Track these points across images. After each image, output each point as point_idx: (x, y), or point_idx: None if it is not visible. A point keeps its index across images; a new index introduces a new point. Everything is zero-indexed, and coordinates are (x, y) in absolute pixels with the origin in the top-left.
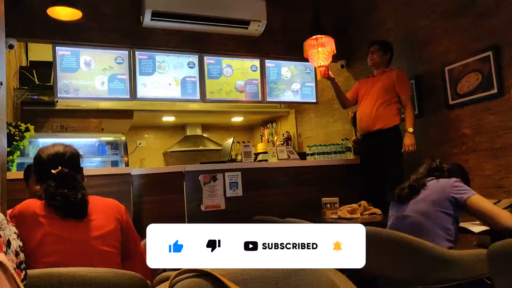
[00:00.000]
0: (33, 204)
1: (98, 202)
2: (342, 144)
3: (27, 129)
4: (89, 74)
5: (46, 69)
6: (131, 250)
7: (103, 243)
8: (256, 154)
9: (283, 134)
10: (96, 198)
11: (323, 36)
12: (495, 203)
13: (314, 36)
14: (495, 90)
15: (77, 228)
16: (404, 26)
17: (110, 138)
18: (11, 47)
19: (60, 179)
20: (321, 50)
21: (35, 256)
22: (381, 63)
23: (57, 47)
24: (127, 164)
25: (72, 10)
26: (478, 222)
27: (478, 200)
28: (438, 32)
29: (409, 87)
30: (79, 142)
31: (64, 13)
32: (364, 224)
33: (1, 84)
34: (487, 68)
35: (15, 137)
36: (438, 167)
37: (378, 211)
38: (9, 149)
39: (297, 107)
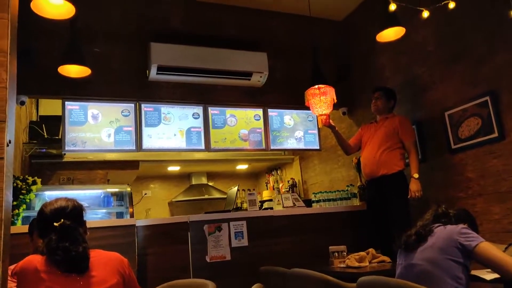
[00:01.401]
0: (35, 260)
1: (100, 256)
2: (347, 190)
3: (34, 182)
4: (96, 127)
5: (55, 123)
6: None
7: None
8: (262, 202)
9: (288, 181)
10: (98, 252)
11: (323, 85)
12: (505, 248)
13: (315, 86)
14: (496, 134)
15: (78, 283)
16: (402, 74)
17: (115, 190)
18: (22, 103)
19: (61, 232)
20: (322, 99)
21: None
22: (384, 109)
23: (66, 102)
24: (132, 215)
25: (81, 68)
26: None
27: (486, 248)
28: (436, 78)
29: (412, 133)
30: (85, 194)
31: (74, 71)
32: (373, 272)
33: (10, 143)
34: (486, 113)
35: (22, 191)
36: (444, 213)
37: (386, 259)
38: (15, 202)
39: (301, 154)
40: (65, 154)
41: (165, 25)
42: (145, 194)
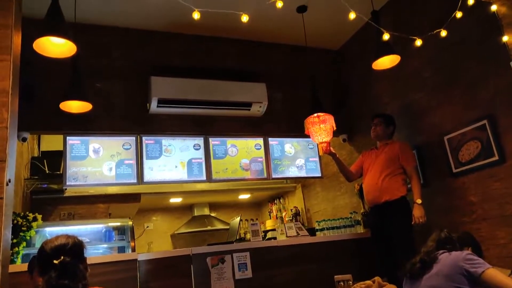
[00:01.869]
0: None
1: None
2: (351, 217)
3: (34, 219)
4: (97, 161)
5: (56, 158)
6: None
7: None
8: (265, 232)
9: (291, 210)
10: None
11: (322, 113)
12: (511, 273)
13: (314, 114)
14: (496, 157)
15: None
16: (400, 99)
17: (117, 224)
18: (24, 140)
19: (61, 270)
20: (321, 126)
21: None
22: (384, 135)
23: (67, 137)
24: (134, 249)
25: (83, 103)
26: None
27: (493, 274)
28: (433, 103)
29: (413, 158)
30: (86, 229)
31: (75, 106)
32: None
33: (9, 182)
34: (485, 136)
35: (22, 228)
36: (447, 237)
37: (393, 287)
38: (15, 240)
39: (304, 182)
40: (66, 189)
41: (164, 59)
42: (147, 227)
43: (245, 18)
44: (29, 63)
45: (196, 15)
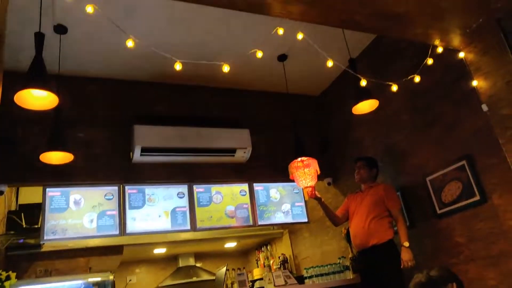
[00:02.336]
0: None
1: None
2: (339, 263)
3: (7, 278)
4: (78, 212)
5: (34, 211)
6: None
7: None
8: (253, 281)
9: (279, 257)
10: None
11: (306, 158)
12: None
13: (297, 159)
14: (477, 197)
15: None
16: (381, 142)
17: (97, 279)
18: (1, 193)
19: None
20: (306, 171)
21: None
22: (368, 178)
23: (47, 189)
24: None
25: (64, 154)
26: None
27: None
28: (413, 145)
29: (398, 200)
30: (63, 286)
31: (56, 158)
32: None
33: None
34: (465, 176)
35: None
36: (428, 280)
37: None
38: None
39: (290, 228)
40: (43, 243)
41: (148, 107)
42: (130, 280)
43: (226, 68)
44: (9, 114)
45: (178, 66)
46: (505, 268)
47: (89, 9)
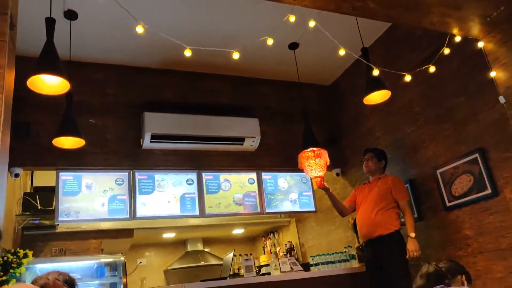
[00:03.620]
0: None
1: None
2: (345, 252)
3: (25, 256)
4: (90, 196)
5: (49, 193)
6: None
7: None
8: (259, 267)
9: (285, 244)
10: None
11: (316, 148)
12: None
13: (308, 149)
14: (489, 191)
15: None
16: (392, 134)
17: (109, 259)
18: (16, 176)
19: None
20: (316, 161)
21: None
22: (376, 170)
23: (60, 173)
24: (126, 286)
25: (76, 139)
26: None
27: None
28: (425, 138)
29: (405, 192)
30: (77, 265)
31: (68, 142)
32: None
33: None
34: (477, 170)
35: (13, 264)
36: (436, 271)
37: None
38: (4, 277)
39: (298, 216)
40: (58, 224)
41: (158, 95)
42: (140, 262)
43: (236, 56)
44: (24, 99)
45: (188, 53)
46: None
47: None
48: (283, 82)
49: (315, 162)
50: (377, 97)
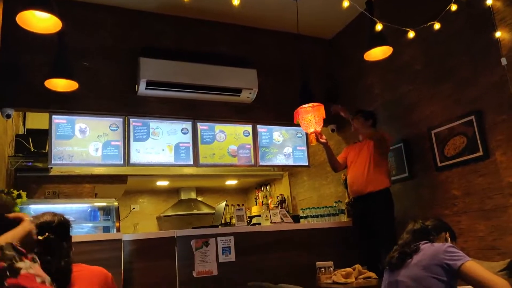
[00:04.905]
0: None
1: (83, 271)
2: (335, 206)
3: (19, 196)
4: (83, 141)
5: (42, 136)
6: None
7: None
8: (251, 217)
9: (277, 197)
10: (82, 266)
11: (314, 103)
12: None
13: (305, 104)
14: (480, 153)
15: None
16: (391, 92)
17: (102, 204)
18: (8, 116)
19: (45, 247)
20: (313, 116)
21: None
22: (362, 128)
23: (53, 116)
24: (118, 230)
25: (69, 82)
26: None
27: (471, 267)
28: (423, 97)
29: (382, 145)
30: (71, 208)
31: (61, 85)
32: None
33: None
34: (471, 132)
35: None
36: (422, 228)
37: (373, 275)
38: None
39: (291, 170)
40: (51, 168)
41: (155, 40)
42: (133, 208)
43: (236, 1)
44: (14, 38)
45: None
46: (496, 222)
47: None
48: (283, 34)
49: (312, 117)
50: (379, 53)
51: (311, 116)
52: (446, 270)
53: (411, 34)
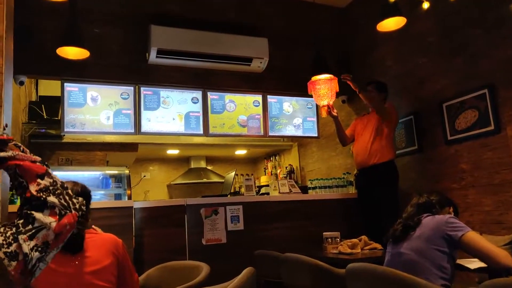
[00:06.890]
0: None
1: (95, 238)
2: (343, 178)
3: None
4: (95, 109)
5: (55, 103)
6: (127, 284)
7: (98, 277)
8: (260, 187)
9: (286, 167)
10: (95, 232)
11: (327, 74)
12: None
13: (319, 75)
14: (492, 127)
15: (73, 262)
16: (403, 64)
17: (114, 171)
18: (21, 83)
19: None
20: (326, 88)
21: None
22: (375, 102)
23: (65, 84)
24: (130, 197)
25: (80, 50)
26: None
27: (473, 237)
28: (435, 70)
29: (390, 117)
30: (83, 175)
31: (72, 53)
32: (364, 259)
33: (6, 126)
34: (483, 106)
35: None
36: (426, 201)
37: (378, 246)
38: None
39: (300, 141)
40: (64, 135)
41: (166, 8)
42: (144, 176)
43: None
44: (26, 3)
45: None
46: (503, 197)
47: None
48: (295, 2)
49: (325, 88)
50: (392, 23)
51: (325, 88)
52: (447, 241)
53: (425, 5)
